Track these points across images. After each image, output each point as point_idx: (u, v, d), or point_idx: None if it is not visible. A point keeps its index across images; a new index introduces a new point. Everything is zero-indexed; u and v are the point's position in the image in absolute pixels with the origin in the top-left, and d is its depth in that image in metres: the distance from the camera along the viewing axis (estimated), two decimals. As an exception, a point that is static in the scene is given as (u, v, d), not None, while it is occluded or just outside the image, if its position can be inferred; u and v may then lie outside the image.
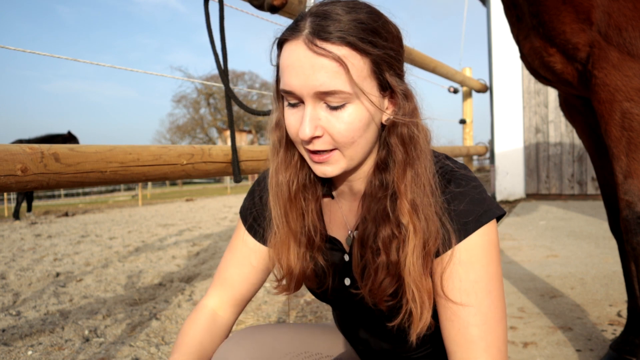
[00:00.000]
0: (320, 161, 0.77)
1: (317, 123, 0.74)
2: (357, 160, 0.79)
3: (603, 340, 2.01)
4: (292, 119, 0.77)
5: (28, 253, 5.13)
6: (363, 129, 0.75)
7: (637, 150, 1.40)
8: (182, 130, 30.56)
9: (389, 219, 0.78)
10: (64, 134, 8.97)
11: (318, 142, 0.75)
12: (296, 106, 0.76)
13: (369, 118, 0.75)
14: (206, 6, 1.60)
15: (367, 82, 0.74)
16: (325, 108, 0.74)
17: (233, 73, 28.54)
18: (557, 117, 6.88)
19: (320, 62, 0.70)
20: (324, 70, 0.70)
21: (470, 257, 0.77)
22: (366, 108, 0.74)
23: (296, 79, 0.72)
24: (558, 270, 3.17)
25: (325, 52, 0.70)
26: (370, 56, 0.73)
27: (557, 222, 5.06)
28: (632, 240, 1.45)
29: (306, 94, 0.72)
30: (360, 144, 0.76)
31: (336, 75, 0.70)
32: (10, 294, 3.37)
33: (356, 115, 0.74)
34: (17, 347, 2.32)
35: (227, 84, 1.60)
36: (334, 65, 0.70)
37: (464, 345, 0.76)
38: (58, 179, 1.08)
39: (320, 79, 0.70)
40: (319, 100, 0.73)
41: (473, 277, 0.77)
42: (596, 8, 1.39)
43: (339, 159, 0.77)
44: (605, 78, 1.40)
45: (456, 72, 4.53)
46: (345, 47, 0.70)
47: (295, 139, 0.79)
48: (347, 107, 0.73)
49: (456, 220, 0.77)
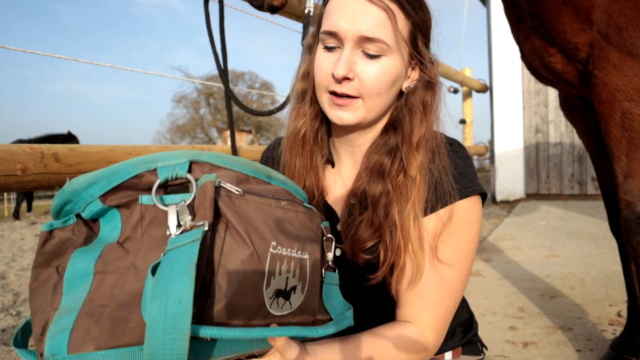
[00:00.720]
0: (341, 104, 0.80)
1: (352, 66, 0.77)
2: (373, 115, 0.82)
3: (603, 340, 2.01)
4: (326, 62, 0.80)
5: (28, 253, 5.13)
6: (390, 84, 0.80)
7: (638, 150, 1.40)
8: (182, 130, 30.58)
9: (383, 177, 0.81)
10: (64, 133, 8.97)
11: (347, 84, 0.78)
12: (333, 50, 0.80)
13: (397, 75, 0.81)
14: (206, 6, 1.60)
15: (403, 44, 0.80)
16: (362, 56, 0.78)
17: (233, 73, 28.57)
18: (557, 117, 6.88)
19: (371, 9, 0.76)
20: (373, 17, 0.76)
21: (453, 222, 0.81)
22: (398, 65, 0.80)
23: (344, 20, 0.77)
24: (558, 270, 3.17)
25: (378, 0, 0.76)
26: (412, 19, 0.79)
27: (557, 222, 5.06)
28: (632, 240, 1.45)
29: (350, 36, 0.77)
30: (383, 98, 0.81)
31: (382, 24, 0.76)
32: (10, 294, 3.37)
33: (388, 68, 0.78)
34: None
35: (227, 84, 1.60)
36: (383, 15, 0.76)
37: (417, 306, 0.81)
38: (58, 179, 1.08)
39: (368, 23, 0.76)
40: (358, 46, 0.78)
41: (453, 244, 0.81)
42: (596, 8, 1.39)
43: (360, 107, 0.80)
44: (605, 78, 1.40)
45: (456, 72, 4.53)
46: (395, 3, 0.77)
47: (322, 82, 0.81)
48: (382, 59, 0.78)
49: (455, 185, 0.81)
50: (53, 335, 0.51)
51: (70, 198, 0.59)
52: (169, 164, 0.60)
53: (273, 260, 0.59)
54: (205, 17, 1.60)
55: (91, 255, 0.57)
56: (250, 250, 0.57)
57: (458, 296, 0.84)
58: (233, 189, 0.59)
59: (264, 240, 0.59)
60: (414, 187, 0.79)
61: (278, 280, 0.60)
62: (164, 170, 0.60)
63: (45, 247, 0.60)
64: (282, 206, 0.65)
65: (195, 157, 0.62)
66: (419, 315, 0.81)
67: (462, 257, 0.82)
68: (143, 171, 0.59)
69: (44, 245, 0.60)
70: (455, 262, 0.81)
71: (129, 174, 0.59)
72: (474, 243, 0.84)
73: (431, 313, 0.81)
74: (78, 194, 0.58)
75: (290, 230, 0.64)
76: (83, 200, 0.59)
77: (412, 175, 0.79)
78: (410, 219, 0.77)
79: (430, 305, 0.81)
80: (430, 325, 0.81)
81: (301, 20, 2.05)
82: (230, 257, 0.56)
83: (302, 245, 0.64)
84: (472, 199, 0.83)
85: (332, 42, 0.79)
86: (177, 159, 0.61)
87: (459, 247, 0.82)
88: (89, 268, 0.56)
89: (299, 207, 0.68)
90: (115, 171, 0.59)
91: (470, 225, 0.83)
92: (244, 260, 0.56)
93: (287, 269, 0.61)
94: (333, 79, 0.79)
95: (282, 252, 0.61)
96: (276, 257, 0.60)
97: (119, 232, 0.59)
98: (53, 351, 0.50)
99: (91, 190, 0.58)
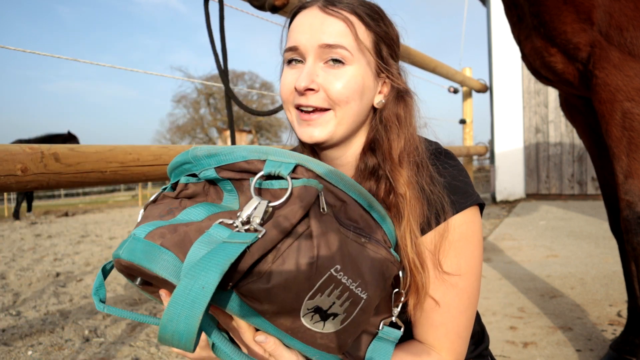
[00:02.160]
0: (308, 120, 0.79)
1: (315, 78, 0.77)
2: (344, 128, 0.80)
3: (603, 340, 2.01)
4: (289, 76, 0.80)
5: (28, 253, 5.13)
6: (358, 93, 0.79)
7: (638, 150, 1.40)
8: (182, 130, 30.55)
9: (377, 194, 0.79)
10: (64, 133, 8.97)
11: (312, 96, 0.77)
12: (295, 65, 0.80)
13: (364, 85, 0.79)
14: (206, 6, 1.60)
15: (368, 55, 0.79)
16: (324, 67, 0.78)
17: (233, 73, 28.55)
18: (557, 117, 6.88)
19: (330, 20, 0.77)
20: (332, 27, 0.76)
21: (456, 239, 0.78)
22: (363, 75, 0.79)
23: (303, 35, 0.78)
24: (558, 270, 3.17)
25: (336, 12, 0.77)
26: (373, 30, 0.79)
27: (557, 222, 5.06)
28: (632, 240, 1.44)
29: (310, 46, 0.77)
30: (353, 108, 0.79)
31: (343, 33, 0.77)
32: (10, 294, 3.37)
33: (353, 76, 0.78)
34: (17, 347, 2.31)
35: (227, 84, 1.60)
36: (342, 25, 0.77)
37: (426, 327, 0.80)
38: (58, 179, 1.08)
39: (328, 32, 0.76)
40: (320, 58, 0.78)
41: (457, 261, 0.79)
42: (597, 8, 1.39)
43: (330, 119, 0.79)
44: (606, 78, 1.40)
45: (456, 72, 4.52)
46: (354, 15, 0.78)
47: (287, 97, 0.81)
48: (346, 67, 0.77)
49: (447, 198, 0.79)
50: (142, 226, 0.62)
51: (191, 160, 0.67)
52: (277, 160, 0.64)
53: (329, 280, 0.60)
54: (205, 17, 1.60)
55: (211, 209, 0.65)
56: (313, 260, 0.58)
57: (469, 314, 0.81)
58: (322, 205, 0.62)
59: (330, 260, 0.60)
60: (406, 204, 0.76)
61: (324, 299, 0.61)
62: (271, 164, 0.64)
63: (180, 195, 0.69)
64: (362, 242, 0.66)
65: (303, 161, 0.65)
66: (427, 334, 0.80)
67: (466, 275, 0.79)
68: (254, 159, 0.65)
69: (179, 193, 0.69)
70: (458, 281, 0.79)
71: (243, 157, 0.65)
72: (477, 258, 0.81)
73: (440, 333, 0.79)
74: (199, 160, 0.67)
75: (360, 266, 0.64)
76: (201, 165, 0.67)
77: (402, 193, 0.76)
78: (407, 237, 0.75)
79: (439, 326, 0.79)
80: (442, 345, 0.79)
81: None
82: (292, 254, 0.58)
83: (365, 285, 0.64)
84: (468, 211, 0.80)
85: (295, 55, 0.79)
86: (286, 158, 0.64)
87: (461, 265, 0.79)
88: (202, 215, 0.63)
89: (380, 249, 0.68)
90: (233, 151, 0.65)
91: (469, 241, 0.80)
92: (301, 264, 0.58)
93: (338, 296, 0.62)
94: (296, 92, 0.78)
95: (341, 279, 0.61)
96: (333, 279, 0.60)
97: (237, 204, 0.66)
98: (135, 232, 0.62)
99: (210, 160, 0.66)
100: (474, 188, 0.83)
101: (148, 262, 0.58)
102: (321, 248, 0.59)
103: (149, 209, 0.69)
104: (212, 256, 0.55)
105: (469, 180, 0.83)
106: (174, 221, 0.63)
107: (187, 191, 0.69)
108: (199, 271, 0.53)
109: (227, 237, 0.57)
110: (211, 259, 0.54)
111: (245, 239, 0.56)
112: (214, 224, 0.59)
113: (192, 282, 0.53)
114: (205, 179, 0.67)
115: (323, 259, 0.59)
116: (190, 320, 0.51)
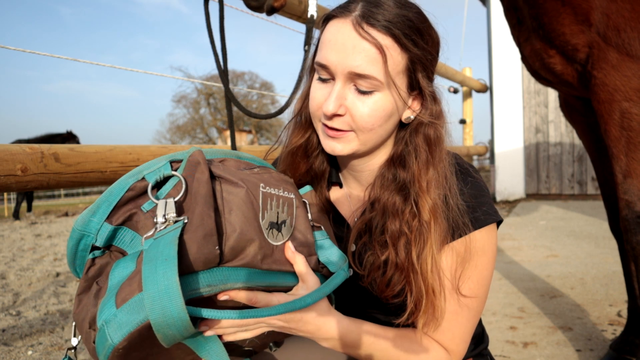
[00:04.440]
0: (333, 136, 0.79)
1: (343, 102, 0.76)
2: (368, 147, 0.81)
3: (603, 340, 2.01)
4: (319, 93, 0.79)
5: (28, 253, 5.13)
6: (384, 119, 0.78)
7: (637, 150, 1.40)
8: (182, 130, 30.55)
9: (398, 214, 0.79)
10: (64, 133, 8.97)
11: (338, 120, 0.78)
12: (326, 82, 0.79)
13: (392, 110, 0.78)
14: (206, 6, 1.61)
15: (400, 77, 0.77)
16: (353, 91, 0.77)
17: (233, 73, 28.55)
18: (557, 117, 6.88)
19: (362, 44, 0.73)
20: (364, 53, 0.73)
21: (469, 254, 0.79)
22: (392, 100, 0.77)
23: (335, 55, 0.75)
24: (558, 270, 3.17)
25: (369, 36, 0.73)
26: (410, 53, 0.76)
27: (557, 222, 5.06)
28: (631, 240, 1.45)
29: (340, 71, 0.75)
30: (378, 132, 0.79)
31: (374, 61, 0.73)
32: (10, 294, 3.38)
33: (382, 104, 0.76)
34: (17, 347, 2.32)
35: (227, 85, 1.60)
36: (374, 52, 0.73)
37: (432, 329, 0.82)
38: (58, 179, 1.08)
39: (358, 60, 0.73)
40: (350, 81, 0.76)
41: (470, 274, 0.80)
42: (595, 10, 1.40)
43: (352, 140, 0.79)
44: (604, 78, 1.40)
45: (456, 72, 4.53)
46: (389, 37, 0.74)
47: (315, 112, 0.81)
48: (374, 95, 0.76)
49: (465, 216, 0.79)
50: (101, 310, 0.58)
51: (82, 232, 0.65)
52: (153, 169, 0.68)
53: (264, 197, 0.69)
54: (205, 17, 1.60)
55: (131, 257, 0.64)
56: (245, 188, 0.67)
57: (478, 318, 0.84)
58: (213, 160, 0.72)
59: (253, 183, 0.69)
60: (430, 232, 0.77)
61: (270, 214, 0.69)
62: (151, 175, 0.67)
63: (89, 273, 0.66)
64: (256, 172, 0.74)
65: (172, 157, 0.70)
66: (433, 335, 0.82)
67: (481, 287, 0.82)
68: (134, 182, 0.67)
69: (87, 271, 0.66)
70: (475, 293, 0.81)
71: (122, 189, 0.66)
72: (491, 269, 0.83)
73: (446, 337, 0.82)
74: (87, 225, 0.64)
75: (271, 180, 0.74)
76: (93, 229, 0.65)
77: (426, 220, 0.77)
78: (428, 262, 0.76)
79: (446, 331, 0.82)
80: (446, 346, 0.82)
81: (301, 21, 2.05)
82: (231, 197, 0.66)
83: (286, 186, 0.74)
84: (488, 228, 0.81)
85: (325, 74, 0.79)
86: (158, 163, 0.69)
87: (479, 278, 0.81)
88: (132, 265, 0.62)
89: (271, 171, 0.78)
90: (111, 192, 0.66)
91: (486, 254, 0.82)
92: (242, 197, 0.66)
93: (277, 205, 0.71)
94: None
95: (270, 191, 0.71)
96: (266, 194, 0.70)
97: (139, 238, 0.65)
98: (105, 314, 0.58)
99: (97, 216, 0.65)
100: (492, 204, 0.84)
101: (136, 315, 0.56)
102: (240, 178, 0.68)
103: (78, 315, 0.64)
104: (155, 246, 0.58)
105: (489, 196, 0.84)
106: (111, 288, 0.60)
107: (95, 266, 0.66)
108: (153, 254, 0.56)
109: (157, 235, 0.60)
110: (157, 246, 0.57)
111: (175, 226, 0.60)
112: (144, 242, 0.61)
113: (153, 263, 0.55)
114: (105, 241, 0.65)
115: (248, 183, 0.68)
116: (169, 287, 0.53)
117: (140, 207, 0.66)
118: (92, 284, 0.65)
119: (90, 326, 0.61)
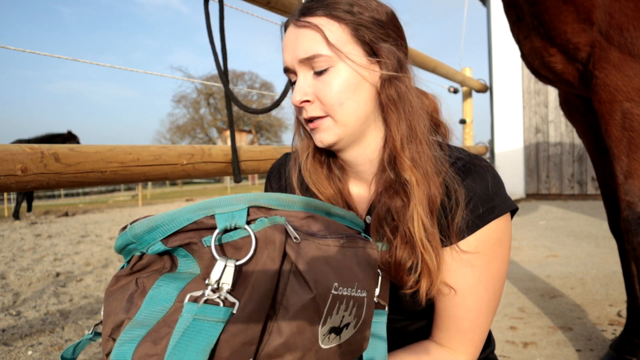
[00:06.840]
0: (314, 127, 0.81)
1: (306, 90, 0.79)
2: (351, 126, 0.79)
3: (603, 340, 2.01)
4: (292, 94, 0.81)
5: (28, 253, 5.13)
6: (351, 91, 0.78)
7: (638, 151, 1.40)
8: (182, 130, 30.57)
9: (395, 188, 0.78)
10: (64, 133, 8.97)
11: (309, 107, 0.80)
12: (294, 83, 0.82)
13: (355, 80, 0.78)
14: (206, 6, 1.60)
15: (350, 46, 0.78)
16: (312, 75, 0.79)
17: (233, 73, 28.56)
18: (557, 117, 6.88)
19: (302, 32, 0.78)
20: (305, 38, 0.77)
21: (481, 249, 0.78)
22: (350, 70, 0.78)
23: (287, 54, 0.80)
24: (558, 270, 3.17)
25: (306, 23, 0.78)
26: (346, 22, 0.78)
27: (557, 222, 5.06)
28: (632, 241, 1.44)
29: (295, 64, 0.79)
30: (350, 106, 0.78)
31: (315, 40, 0.77)
32: (10, 294, 3.37)
33: (340, 76, 0.77)
34: (17, 347, 2.32)
35: (227, 85, 1.60)
36: (312, 33, 0.77)
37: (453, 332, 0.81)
38: (58, 179, 1.08)
39: (302, 47, 0.77)
40: (306, 68, 0.79)
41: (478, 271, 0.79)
42: (597, 8, 1.39)
43: (331, 125, 0.80)
44: (606, 78, 1.39)
45: (456, 72, 4.52)
46: (323, 17, 0.78)
47: (296, 115, 0.84)
48: (330, 70, 0.78)
49: (473, 209, 0.77)
50: (122, 343, 0.55)
51: (133, 240, 0.62)
52: (227, 211, 0.61)
53: (333, 302, 0.60)
54: (205, 17, 1.60)
55: (176, 285, 0.59)
56: (313, 295, 0.58)
57: (493, 317, 0.83)
58: (292, 234, 0.60)
59: (326, 282, 0.59)
60: (412, 189, 0.75)
61: (334, 318, 0.61)
62: (222, 218, 0.60)
63: (134, 267, 0.63)
64: (342, 244, 0.65)
65: (253, 202, 0.62)
66: (454, 339, 0.81)
67: (498, 279, 0.81)
68: (201, 218, 0.60)
69: (133, 265, 0.63)
70: (491, 286, 0.80)
71: (187, 220, 0.60)
72: (507, 261, 0.83)
73: (467, 338, 0.80)
74: (140, 237, 0.61)
75: (351, 268, 0.64)
76: (145, 242, 0.61)
77: (407, 178, 0.76)
78: (415, 220, 0.74)
79: (468, 332, 0.80)
80: (465, 350, 0.81)
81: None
82: (292, 299, 0.57)
83: (362, 283, 0.65)
84: (504, 217, 0.80)
85: (292, 76, 0.82)
86: (235, 205, 0.61)
87: (495, 270, 0.80)
88: (172, 296, 0.58)
89: (358, 241, 0.68)
90: (174, 218, 0.60)
91: (502, 245, 0.81)
92: (305, 304, 0.57)
93: (345, 308, 0.62)
94: (297, 108, 0.82)
95: (342, 293, 0.61)
96: (336, 298, 0.61)
97: (197, 267, 0.61)
98: (119, 357, 0.54)
99: (152, 234, 0.61)
100: (506, 193, 0.82)
101: None
102: (314, 277, 0.58)
103: (109, 302, 0.63)
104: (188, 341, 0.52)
105: (502, 185, 0.82)
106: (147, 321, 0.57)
107: (142, 261, 0.63)
108: None
109: (199, 313, 0.54)
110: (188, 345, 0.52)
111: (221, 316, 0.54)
112: (185, 303, 0.55)
113: None
114: (154, 254, 0.62)
115: (320, 286, 0.58)
116: None
117: (201, 238, 0.60)
118: (133, 273, 0.63)
119: (111, 333, 0.59)
